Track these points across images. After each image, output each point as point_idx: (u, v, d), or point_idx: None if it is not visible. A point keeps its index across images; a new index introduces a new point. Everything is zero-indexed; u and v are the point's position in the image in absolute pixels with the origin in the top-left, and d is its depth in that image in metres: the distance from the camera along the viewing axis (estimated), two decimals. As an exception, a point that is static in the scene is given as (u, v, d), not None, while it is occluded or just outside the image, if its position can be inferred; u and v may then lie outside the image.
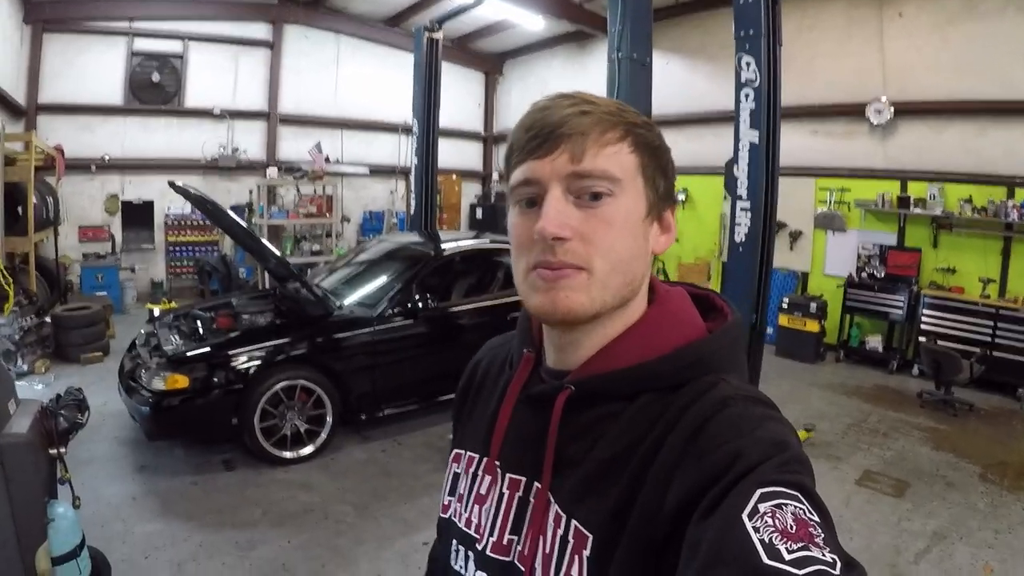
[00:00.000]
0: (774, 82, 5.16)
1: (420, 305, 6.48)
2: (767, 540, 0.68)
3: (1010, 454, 6.73)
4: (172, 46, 12.72)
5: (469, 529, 1.08)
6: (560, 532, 0.91)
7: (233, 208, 12.73)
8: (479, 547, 1.04)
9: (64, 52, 11.72)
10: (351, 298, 6.76)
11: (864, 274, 10.17)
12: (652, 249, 0.99)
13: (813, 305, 9.99)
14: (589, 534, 0.88)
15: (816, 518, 0.71)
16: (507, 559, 0.99)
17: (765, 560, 0.66)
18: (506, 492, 1.03)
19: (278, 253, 6.67)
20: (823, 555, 0.67)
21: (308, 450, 6.02)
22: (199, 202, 6.23)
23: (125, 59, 12.29)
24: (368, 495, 5.48)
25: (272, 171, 13.08)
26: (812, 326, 9.94)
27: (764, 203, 5.16)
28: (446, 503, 1.18)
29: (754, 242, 5.18)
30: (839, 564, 0.67)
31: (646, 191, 0.95)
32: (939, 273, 9.52)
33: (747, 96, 5.12)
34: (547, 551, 0.92)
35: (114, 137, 12.27)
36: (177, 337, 6.19)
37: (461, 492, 1.14)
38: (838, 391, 8.64)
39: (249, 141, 13.61)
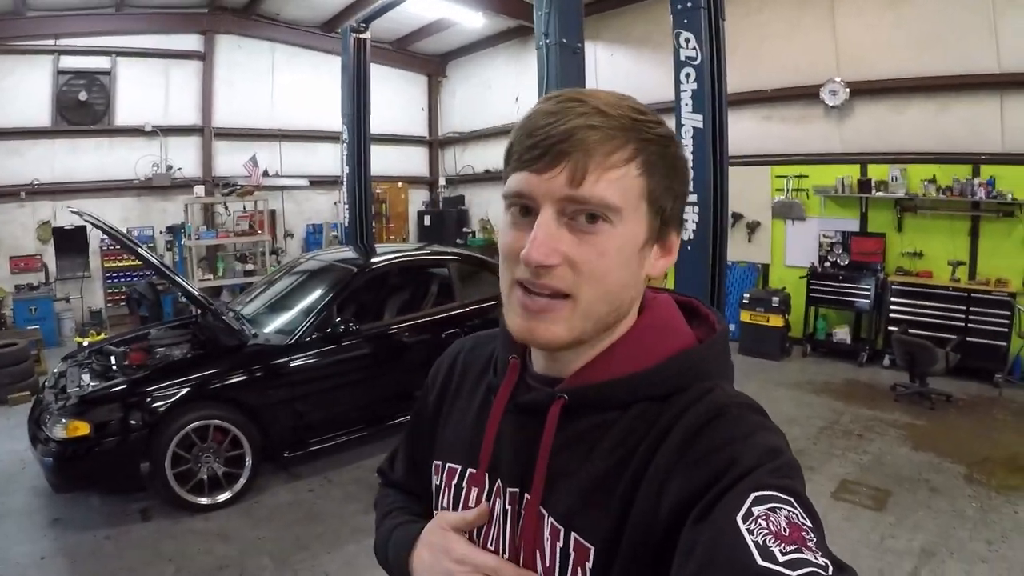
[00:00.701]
0: (718, 60, 4.61)
1: (342, 328, 5.96)
2: (761, 542, 0.69)
3: (994, 448, 6.32)
4: (100, 63, 12.14)
5: None
6: (560, 545, 0.91)
7: (169, 229, 12.51)
8: None
9: (-13, 74, 11.12)
10: (270, 325, 6.23)
11: (827, 263, 9.81)
12: (647, 273, 0.97)
13: (775, 299, 9.56)
14: (591, 546, 0.88)
15: (808, 523, 0.73)
16: None
17: (759, 561, 0.67)
18: (508, 508, 1.01)
19: (183, 282, 6.08)
20: (815, 558, 0.68)
21: (225, 496, 5.48)
22: (105, 231, 5.73)
23: (51, 78, 11.69)
24: (289, 544, 4.97)
25: (199, 188, 12.48)
26: (776, 321, 9.50)
27: (713, 195, 4.60)
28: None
29: (704, 239, 4.60)
30: (831, 568, 0.68)
31: (649, 217, 0.92)
32: (906, 258, 9.18)
33: (687, 76, 4.57)
34: (547, 564, 0.92)
35: (43, 160, 11.66)
36: (87, 376, 5.65)
37: (445, 506, 1.12)
38: (807, 390, 8.20)
39: (184, 158, 13.05)
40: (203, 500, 5.38)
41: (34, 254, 11.59)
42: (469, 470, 1.09)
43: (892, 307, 8.98)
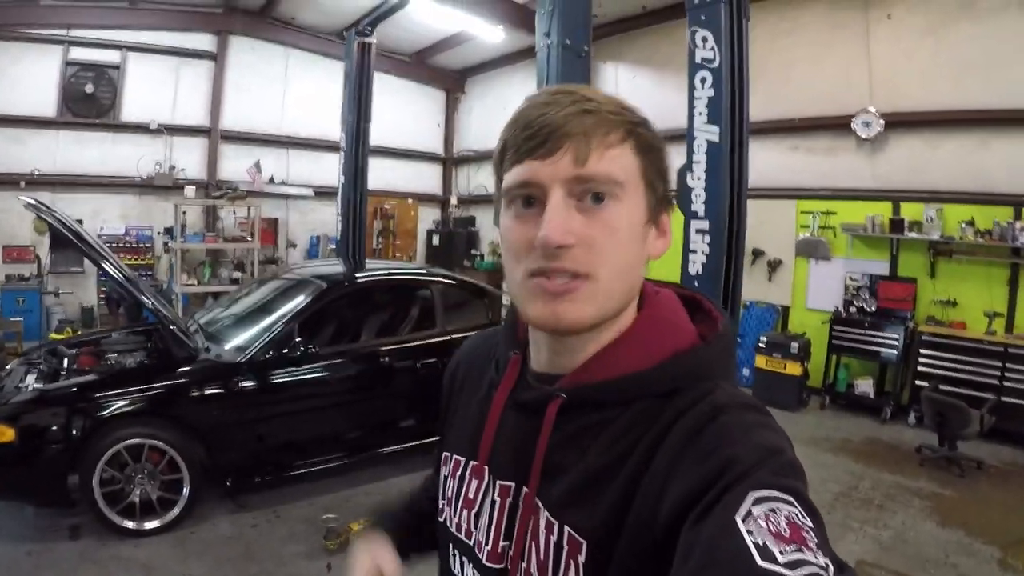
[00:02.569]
0: (739, 65, 3.98)
1: (301, 350, 5.42)
2: (761, 543, 0.68)
3: (1031, 528, 5.59)
4: (110, 56, 11.90)
5: (460, 534, 1.11)
6: (553, 538, 0.93)
7: (167, 230, 12.16)
8: (479, 555, 1.05)
9: (-4, 60, 10.94)
10: (229, 340, 5.69)
11: (852, 308, 9.11)
12: (649, 253, 0.99)
13: (795, 345, 8.86)
14: (583, 540, 0.89)
15: (809, 523, 0.72)
16: (500, 566, 1.01)
17: (759, 562, 0.67)
18: (497, 499, 1.04)
19: (132, 288, 5.53)
20: (816, 558, 0.68)
21: (153, 524, 4.97)
22: (59, 228, 5.23)
23: (60, 68, 11.48)
24: None
25: (190, 190, 12.09)
26: (794, 368, 8.79)
27: (728, 223, 3.93)
28: (439, 506, 1.19)
29: (714, 273, 3.93)
30: (832, 568, 0.67)
31: (646, 195, 0.95)
32: (937, 306, 8.50)
33: (703, 80, 3.92)
34: (541, 557, 0.94)
35: (45, 151, 11.42)
36: (32, 377, 5.21)
37: (450, 496, 1.16)
38: (823, 447, 7.49)
39: (188, 159, 12.77)
40: (128, 524, 4.90)
41: (28, 245, 11.34)
42: (472, 462, 1.11)
43: (921, 360, 8.29)
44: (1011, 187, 7.91)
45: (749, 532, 0.69)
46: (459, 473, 1.14)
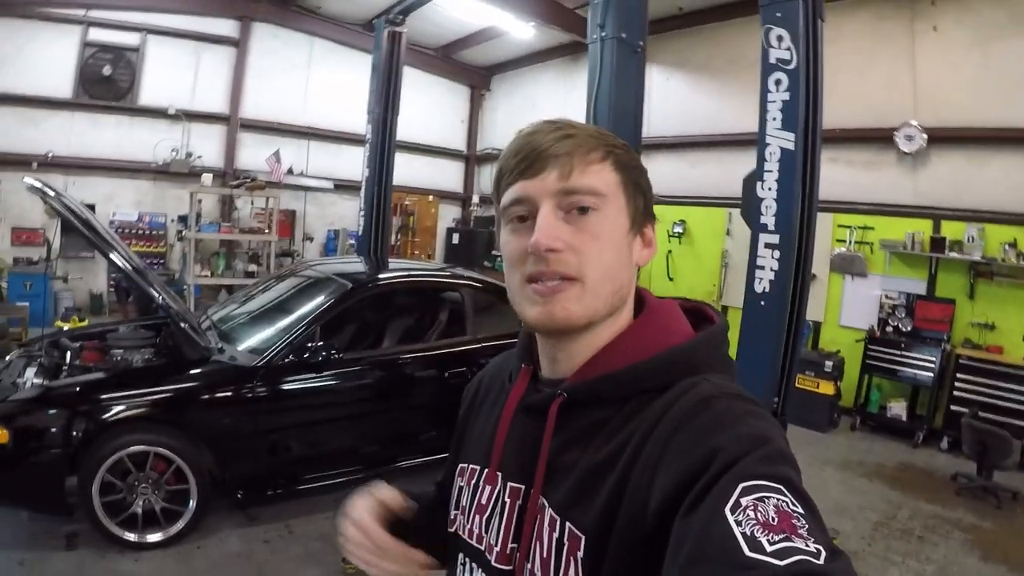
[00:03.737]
0: (815, 67, 3.72)
1: (322, 356, 5.09)
2: (749, 533, 0.68)
3: (1071, 565, 5.35)
4: (129, 38, 11.76)
5: (472, 540, 1.13)
6: (556, 536, 0.94)
7: (181, 218, 12.00)
8: (489, 559, 1.07)
9: (12, 38, 10.80)
10: (244, 341, 5.36)
11: (888, 327, 8.82)
12: (635, 261, 1.05)
13: (829, 364, 8.58)
14: (581, 535, 0.91)
15: (800, 510, 0.72)
16: (508, 567, 1.02)
17: (747, 553, 0.67)
18: (507, 501, 1.07)
19: (140, 281, 5.17)
20: (806, 545, 0.67)
21: (156, 537, 4.63)
22: (65, 214, 4.83)
23: (78, 50, 11.34)
24: None
25: (207, 177, 11.83)
26: (827, 388, 8.52)
27: (799, 237, 3.66)
28: (452, 517, 1.21)
29: (782, 292, 3.67)
30: (823, 554, 0.66)
31: (628, 207, 1.02)
32: (975, 329, 8.20)
33: (778, 83, 3.66)
34: (544, 555, 0.95)
35: (59, 133, 11.29)
36: (32, 371, 4.87)
37: (464, 504, 1.17)
38: (857, 471, 7.20)
39: (205, 146, 12.63)
40: (129, 536, 4.56)
41: (38, 228, 11.17)
42: (485, 469, 1.14)
43: (957, 384, 8.01)
44: (1058, 209, 7.62)
45: (737, 523, 0.69)
46: (473, 481, 1.17)
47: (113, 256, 4.89)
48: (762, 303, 3.67)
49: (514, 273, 1.01)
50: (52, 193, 4.86)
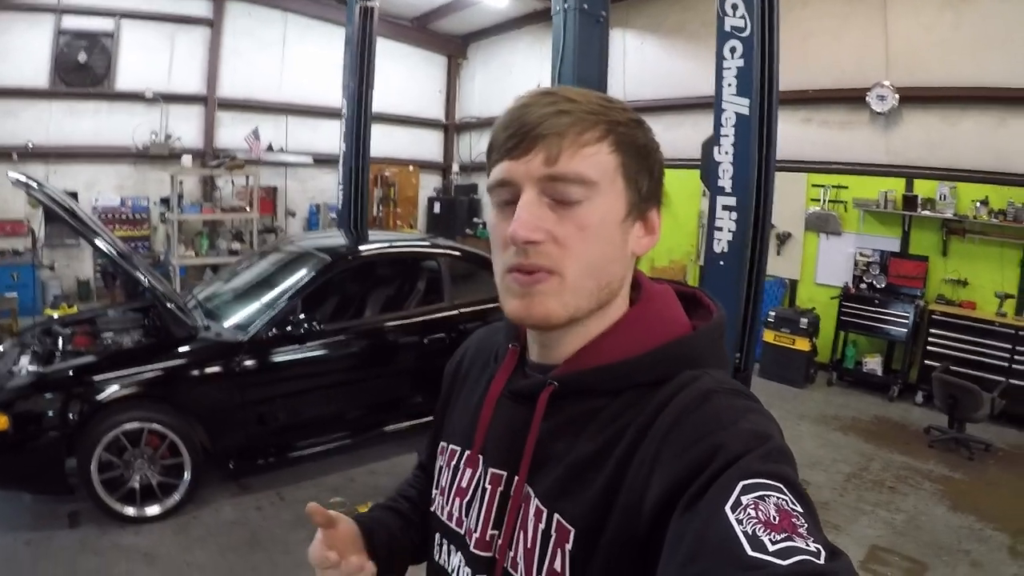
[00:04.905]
0: (770, 35, 3.81)
1: (304, 327, 5.23)
2: (750, 532, 0.68)
3: (1039, 513, 5.55)
4: (103, 24, 11.54)
5: (451, 522, 1.12)
6: (542, 527, 0.93)
7: (164, 200, 11.97)
8: (467, 543, 1.06)
9: (-14, 31, 10.64)
10: (230, 318, 5.50)
11: (862, 284, 8.96)
12: (632, 250, 1.00)
13: (804, 320, 8.74)
14: (571, 527, 0.90)
15: (799, 509, 0.71)
16: (488, 554, 1.02)
17: (749, 552, 0.66)
18: (488, 487, 1.05)
19: (125, 265, 5.24)
20: (807, 545, 0.67)
21: (155, 510, 4.82)
22: (49, 204, 4.95)
23: (52, 38, 11.13)
24: (220, 574, 4.31)
25: (187, 159, 11.86)
26: (802, 344, 8.69)
27: (756, 199, 3.79)
28: (432, 496, 1.21)
29: (739, 251, 3.79)
30: (823, 553, 0.66)
31: (627, 192, 0.96)
32: (948, 285, 8.35)
33: (733, 50, 3.74)
34: (528, 545, 0.94)
35: (38, 122, 11.13)
36: (26, 359, 4.99)
37: (443, 485, 1.17)
38: (832, 425, 7.39)
39: (185, 128, 12.47)
40: (129, 510, 4.75)
41: (21, 219, 11.05)
42: (466, 452, 1.13)
43: (930, 339, 8.18)
44: (1030, 167, 7.75)
45: (738, 521, 0.69)
46: (454, 463, 1.16)
47: (98, 242, 4.99)
48: (721, 262, 3.80)
49: (497, 260, 0.98)
50: (35, 185, 4.97)
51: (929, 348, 8.16)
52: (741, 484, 0.72)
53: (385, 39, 11.38)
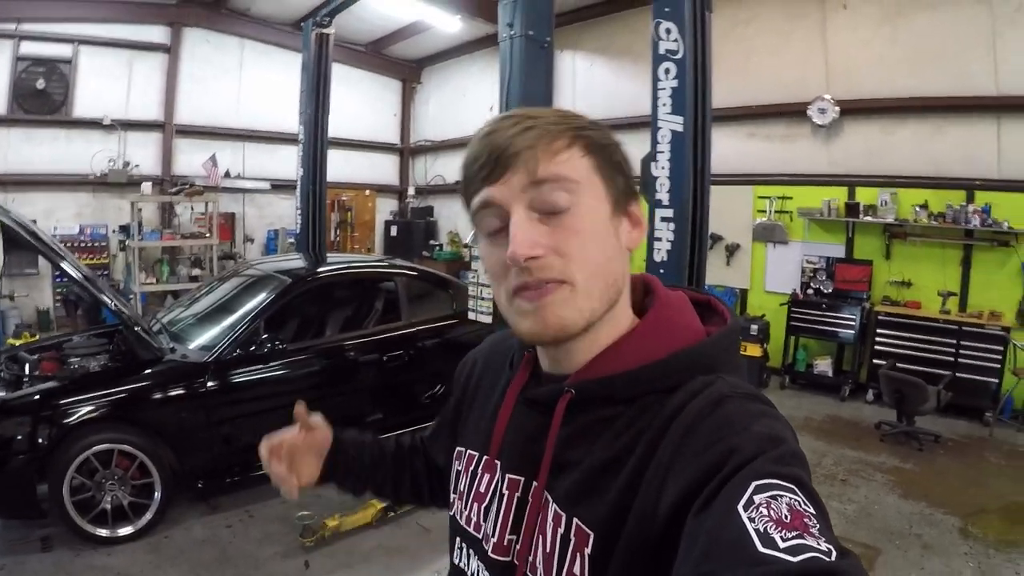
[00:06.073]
0: (703, 56, 4.03)
1: (268, 347, 5.35)
2: (762, 529, 0.68)
3: (989, 498, 5.84)
4: (61, 50, 11.50)
5: (469, 527, 1.13)
6: (561, 531, 0.94)
7: (123, 228, 11.84)
8: (485, 548, 1.07)
9: (-56, 58, 10.51)
10: (194, 340, 5.58)
11: (810, 290, 9.28)
12: (626, 245, 1.01)
13: (754, 327, 8.99)
14: (590, 532, 0.90)
15: (811, 510, 0.72)
16: (507, 559, 1.03)
17: (760, 549, 0.67)
18: (506, 492, 1.07)
19: (93, 290, 5.39)
20: (818, 544, 0.67)
21: (127, 530, 4.85)
22: (18, 233, 4.99)
23: (10, 64, 11.08)
24: None
25: (146, 186, 11.81)
26: (754, 350, 8.90)
27: (692, 211, 3.99)
28: (451, 500, 1.22)
29: (678, 261, 3.98)
30: (834, 552, 0.67)
31: (607, 191, 0.97)
32: (893, 287, 8.69)
33: (667, 71, 3.95)
34: (547, 550, 0.95)
35: None
36: None
37: (462, 490, 1.18)
38: (786, 426, 7.55)
39: (143, 154, 12.39)
40: (102, 532, 4.77)
41: (-21, 248, 10.89)
42: (484, 457, 1.14)
43: (878, 339, 8.50)
44: (964, 171, 8.09)
45: (751, 519, 0.69)
46: (471, 468, 1.17)
47: (64, 265, 5.07)
48: (661, 271, 3.97)
49: (499, 287, 0.97)
50: (5, 215, 5.02)
51: (877, 348, 8.46)
52: (754, 484, 0.73)
53: (341, 64, 11.49)
